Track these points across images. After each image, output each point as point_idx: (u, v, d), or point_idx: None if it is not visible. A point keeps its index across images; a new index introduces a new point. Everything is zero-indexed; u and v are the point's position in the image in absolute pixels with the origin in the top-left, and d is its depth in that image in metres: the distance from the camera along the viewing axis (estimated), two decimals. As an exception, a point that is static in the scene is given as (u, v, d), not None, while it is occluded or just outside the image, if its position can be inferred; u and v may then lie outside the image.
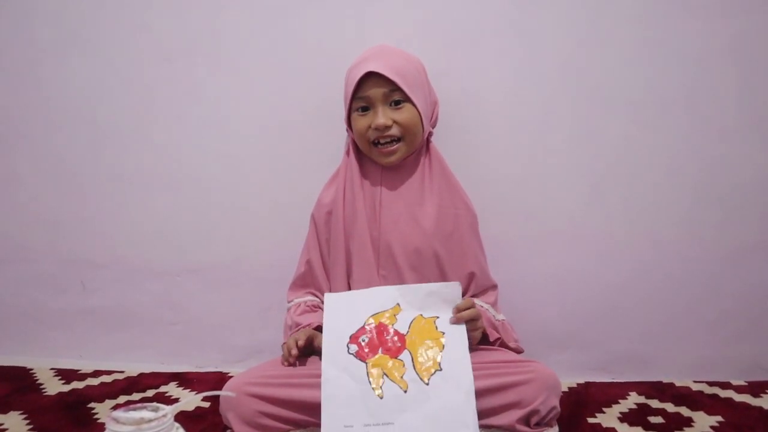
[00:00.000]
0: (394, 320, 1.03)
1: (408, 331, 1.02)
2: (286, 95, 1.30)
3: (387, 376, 0.98)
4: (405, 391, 0.96)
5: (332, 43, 1.27)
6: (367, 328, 1.02)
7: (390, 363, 0.99)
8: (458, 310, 1.02)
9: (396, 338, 1.02)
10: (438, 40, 1.26)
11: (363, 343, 1.00)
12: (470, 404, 0.95)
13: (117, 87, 1.34)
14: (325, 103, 1.24)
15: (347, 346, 1.01)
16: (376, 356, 1.00)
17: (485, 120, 1.28)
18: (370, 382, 0.97)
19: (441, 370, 0.98)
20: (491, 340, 1.11)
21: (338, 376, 0.98)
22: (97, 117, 1.36)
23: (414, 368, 0.98)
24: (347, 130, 1.15)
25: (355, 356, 1.00)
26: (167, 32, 1.31)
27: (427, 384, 0.97)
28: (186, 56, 1.31)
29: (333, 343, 1.01)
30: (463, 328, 1.02)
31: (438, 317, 1.03)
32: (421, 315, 1.03)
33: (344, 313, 1.04)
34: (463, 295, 1.10)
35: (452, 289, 1.04)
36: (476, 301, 1.13)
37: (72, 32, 1.33)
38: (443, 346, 1.00)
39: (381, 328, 1.02)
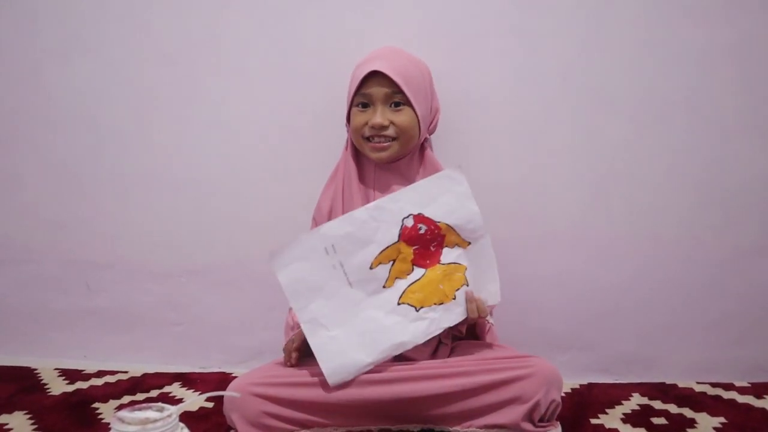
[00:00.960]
0: (452, 244, 1.05)
1: (445, 264, 1.05)
2: (287, 97, 1.31)
3: (392, 264, 1.02)
4: (383, 287, 1.02)
5: (333, 44, 1.27)
6: (434, 226, 1.03)
7: (406, 262, 1.03)
8: (476, 299, 1.04)
9: (432, 256, 1.04)
10: (439, 42, 1.25)
11: (417, 230, 1.03)
12: (390, 350, 1.01)
13: (119, 89, 1.34)
14: (327, 104, 1.25)
15: (410, 214, 1.03)
16: (409, 248, 1.03)
17: (486, 122, 1.28)
18: (382, 251, 1.01)
19: (417, 311, 1.02)
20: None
21: (376, 219, 1.01)
22: (99, 119, 1.36)
23: (408, 284, 1.03)
24: (346, 125, 1.15)
25: (401, 229, 1.02)
26: (168, 34, 1.31)
27: (398, 304, 1.02)
28: (187, 58, 1.32)
29: (407, 200, 1.03)
30: (465, 311, 1.04)
31: (466, 285, 1.05)
32: (466, 269, 1.06)
33: (446, 194, 1.04)
34: None
35: (495, 292, 1.06)
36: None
37: (73, 34, 1.33)
38: (441, 303, 1.03)
39: (438, 237, 1.04)
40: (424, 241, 1.03)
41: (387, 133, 1.09)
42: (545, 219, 1.30)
